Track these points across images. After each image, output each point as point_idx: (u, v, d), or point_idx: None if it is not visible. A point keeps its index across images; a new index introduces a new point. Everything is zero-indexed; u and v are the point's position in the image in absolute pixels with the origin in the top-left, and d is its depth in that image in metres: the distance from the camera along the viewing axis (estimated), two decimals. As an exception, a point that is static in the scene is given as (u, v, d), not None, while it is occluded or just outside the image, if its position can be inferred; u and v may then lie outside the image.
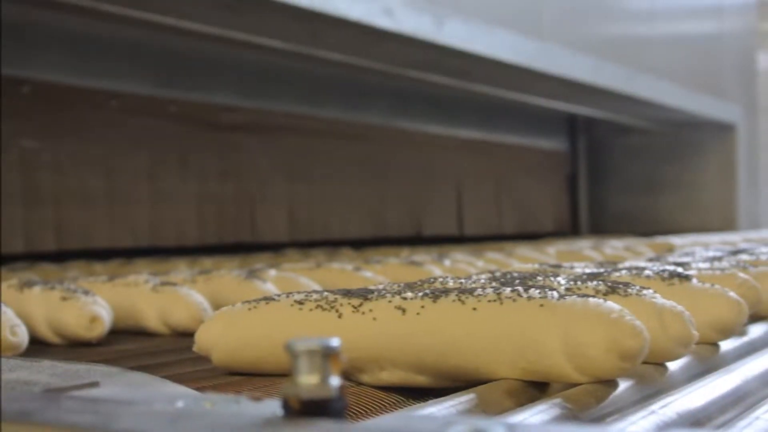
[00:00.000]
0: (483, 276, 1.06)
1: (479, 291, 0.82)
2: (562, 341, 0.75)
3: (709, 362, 0.92)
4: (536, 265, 1.32)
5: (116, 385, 0.81)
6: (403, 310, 0.83)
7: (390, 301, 0.85)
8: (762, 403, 0.77)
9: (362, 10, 2.23)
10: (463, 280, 1.00)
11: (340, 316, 0.87)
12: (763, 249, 1.83)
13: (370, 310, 0.85)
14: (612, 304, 0.77)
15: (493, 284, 0.90)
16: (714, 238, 3.48)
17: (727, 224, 4.74)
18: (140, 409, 0.60)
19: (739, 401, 0.78)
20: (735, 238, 3.51)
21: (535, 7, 3.04)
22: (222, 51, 2.79)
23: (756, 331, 1.11)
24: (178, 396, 0.66)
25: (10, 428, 0.57)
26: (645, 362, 0.79)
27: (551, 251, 2.76)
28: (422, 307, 0.82)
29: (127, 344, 1.32)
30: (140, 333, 1.42)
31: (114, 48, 2.71)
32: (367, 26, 2.28)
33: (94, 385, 0.78)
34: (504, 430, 0.49)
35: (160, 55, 2.83)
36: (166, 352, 1.21)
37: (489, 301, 0.80)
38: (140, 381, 0.83)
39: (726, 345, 0.99)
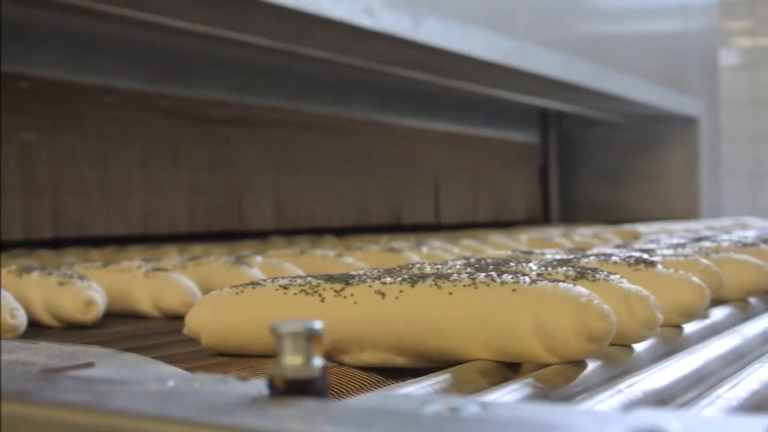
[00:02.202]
0: (459, 262, 1.06)
1: (455, 276, 0.82)
2: (534, 324, 0.75)
3: (673, 344, 0.92)
4: (509, 252, 1.32)
5: (110, 365, 0.81)
6: (383, 295, 0.83)
7: (370, 286, 0.85)
8: (723, 382, 0.77)
9: (344, 10, 2.22)
10: (439, 266, 1.00)
11: (322, 300, 0.86)
12: (724, 236, 1.83)
13: (352, 295, 0.85)
14: (581, 289, 0.77)
15: (468, 270, 0.90)
16: (678, 226, 3.48)
17: (691, 213, 4.76)
18: (133, 388, 0.59)
19: (702, 381, 0.78)
20: (697, 226, 3.52)
21: (509, 7, 3.04)
22: (211, 48, 2.78)
23: (717, 314, 1.11)
24: (169, 376, 0.66)
25: (9, 407, 0.57)
26: (612, 344, 0.79)
27: (523, 238, 2.76)
28: (401, 291, 0.82)
29: (121, 327, 1.32)
30: (133, 316, 1.42)
31: (108, 46, 2.69)
32: (349, 25, 2.28)
33: (89, 365, 0.78)
34: (478, 409, 0.49)
35: (152, 52, 2.82)
36: (157, 334, 1.21)
37: (464, 285, 0.80)
38: (133, 362, 0.83)
39: (689, 327, 0.99)
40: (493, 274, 0.81)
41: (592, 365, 0.77)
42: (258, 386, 0.57)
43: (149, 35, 2.58)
